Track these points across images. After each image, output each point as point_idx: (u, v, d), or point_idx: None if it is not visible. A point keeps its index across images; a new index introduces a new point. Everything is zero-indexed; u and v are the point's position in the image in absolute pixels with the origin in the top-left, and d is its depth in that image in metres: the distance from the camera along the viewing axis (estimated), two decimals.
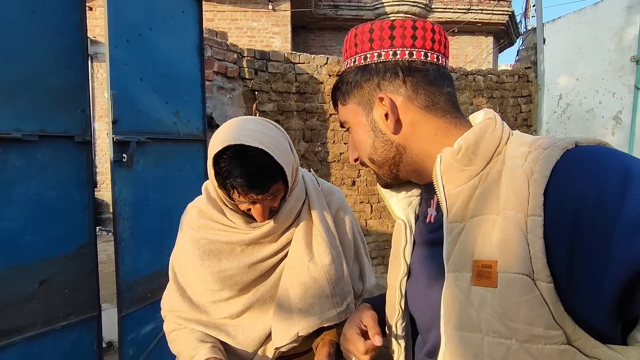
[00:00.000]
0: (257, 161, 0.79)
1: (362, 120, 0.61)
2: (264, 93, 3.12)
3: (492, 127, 0.54)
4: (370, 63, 0.59)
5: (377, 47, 0.58)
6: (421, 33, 0.57)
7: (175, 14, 2.24)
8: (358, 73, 0.60)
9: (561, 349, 0.41)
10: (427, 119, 0.58)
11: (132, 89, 1.95)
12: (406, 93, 0.57)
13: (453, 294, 0.49)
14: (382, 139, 0.60)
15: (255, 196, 0.81)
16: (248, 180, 0.78)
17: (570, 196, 0.42)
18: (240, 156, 0.78)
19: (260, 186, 0.80)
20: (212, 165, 0.81)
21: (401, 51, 0.57)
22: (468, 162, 0.52)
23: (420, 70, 0.57)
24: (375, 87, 0.59)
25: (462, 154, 0.52)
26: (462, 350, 0.48)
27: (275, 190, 0.84)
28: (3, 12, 1.56)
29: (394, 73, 0.57)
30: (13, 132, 1.59)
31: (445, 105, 0.58)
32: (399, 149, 0.59)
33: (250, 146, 0.77)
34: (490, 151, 0.52)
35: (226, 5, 7.57)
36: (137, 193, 1.99)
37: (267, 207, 0.86)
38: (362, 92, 0.60)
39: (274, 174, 0.82)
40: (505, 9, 10.13)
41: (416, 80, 0.57)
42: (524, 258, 0.43)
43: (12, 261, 1.62)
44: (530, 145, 0.50)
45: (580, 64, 3.85)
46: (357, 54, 0.60)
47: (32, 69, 1.65)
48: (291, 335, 0.88)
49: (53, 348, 1.76)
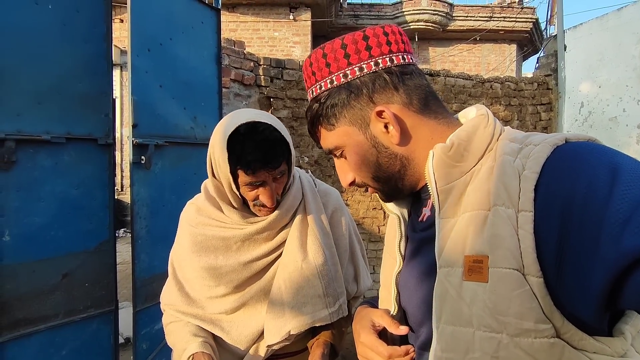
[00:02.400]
0: (268, 136, 0.83)
1: (360, 139, 0.59)
2: (279, 100, 3.21)
3: (484, 123, 0.54)
4: (354, 79, 0.57)
5: (356, 61, 0.57)
6: (393, 37, 0.57)
7: (194, 25, 2.35)
8: (342, 92, 0.57)
9: (551, 342, 0.42)
10: (424, 122, 0.57)
11: (152, 95, 2.06)
12: (401, 100, 0.56)
13: (445, 289, 0.49)
14: (386, 154, 0.58)
15: (267, 173, 0.85)
16: (262, 153, 0.82)
17: (559, 192, 0.42)
18: (252, 133, 0.83)
19: (273, 161, 0.84)
20: (222, 150, 0.83)
21: (382, 59, 0.56)
22: (460, 158, 0.52)
23: (405, 73, 0.57)
24: (367, 101, 0.57)
25: (454, 150, 0.52)
26: (453, 344, 0.48)
27: (283, 169, 0.88)
28: (37, 24, 1.70)
29: (382, 82, 0.56)
30: (43, 134, 1.72)
31: (434, 104, 0.58)
32: (403, 160, 0.58)
33: (260, 122, 0.82)
34: (482, 148, 0.52)
35: (249, 16, 7.80)
36: (154, 194, 2.09)
37: (275, 191, 0.89)
38: (353, 111, 0.58)
39: (282, 150, 0.86)
40: (529, 17, 9.95)
41: (406, 84, 0.57)
42: (515, 253, 0.43)
43: (39, 254, 1.74)
44: (521, 142, 0.50)
45: (603, 70, 3.75)
46: (332, 74, 0.58)
47: (61, 76, 1.78)
48: (282, 333, 0.90)
49: (73, 338, 1.86)
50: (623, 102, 3.67)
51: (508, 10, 10.10)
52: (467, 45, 10.46)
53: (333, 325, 0.97)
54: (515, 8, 10.16)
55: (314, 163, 3.36)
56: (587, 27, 3.84)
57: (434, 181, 0.53)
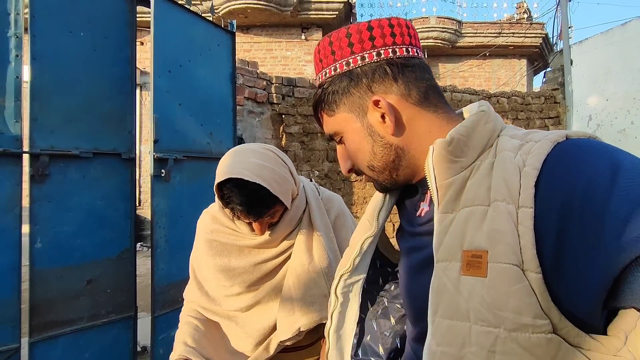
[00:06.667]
0: (254, 193, 0.89)
1: (357, 126, 0.60)
2: (290, 116, 3.35)
3: (484, 119, 0.54)
4: (355, 67, 0.58)
5: (359, 51, 0.58)
6: (398, 30, 0.58)
7: (211, 47, 2.52)
8: (343, 80, 0.59)
9: (548, 338, 0.42)
10: (422, 114, 0.58)
11: (171, 112, 2.21)
12: (399, 91, 0.57)
13: (442, 283, 0.50)
14: (381, 143, 0.59)
15: (253, 219, 0.94)
16: (246, 207, 0.89)
17: (560, 188, 0.42)
18: (239, 188, 0.88)
19: (257, 213, 0.91)
20: (216, 189, 0.93)
21: (384, 50, 0.57)
22: (460, 153, 0.52)
23: (406, 65, 0.57)
24: (366, 90, 0.58)
25: (454, 145, 0.52)
26: (449, 338, 0.48)
27: (271, 213, 0.96)
28: (71, 50, 1.87)
29: (382, 73, 0.57)
30: (72, 149, 1.87)
31: (435, 98, 0.59)
32: (398, 151, 0.59)
33: (247, 182, 0.88)
34: (482, 143, 0.53)
35: (262, 37, 8.10)
36: (172, 205, 2.22)
37: (266, 224, 0.99)
38: (352, 99, 0.59)
39: (269, 203, 0.91)
40: (539, 32, 10.03)
41: (406, 76, 0.57)
42: (514, 249, 0.43)
43: (67, 261, 1.87)
44: (522, 139, 0.51)
45: (610, 84, 3.80)
46: (336, 62, 0.60)
47: (90, 97, 1.94)
48: (293, 330, 1.00)
49: (95, 341, 1.97)
50: (631, 114, 3.70)
51: (517, 26, 10.21)
52: (477, 61, 10.55)
53: None
54: (524, 24, 10.26)
55: (324, 176, 3.46)
56: (593, 42, 3.90)
57: (433, 176, 0.53)
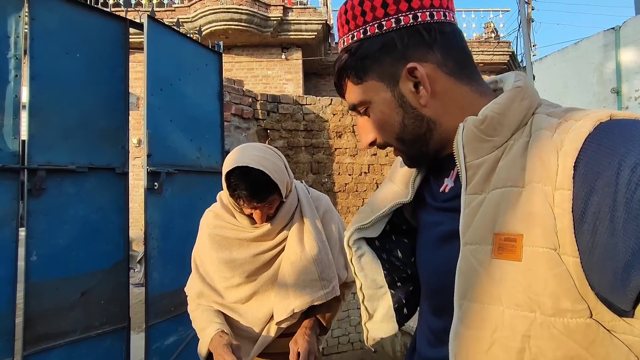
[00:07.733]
0: (258, 179, 1.03)
1: (387, 96, 0.55)
2: (275, 131, 3.50)
3: (520, 96, 0.50)
4: (389, 31, 0.53)
5: (393, 12, 0.52)
6: None
7: (199, 67, 2.66)
8: (374, 44, 0.54)
9: (587, 323, 0.41)
10: (456, 86, 0.54)
11: (163, 128, 2.32)
12: (435, 59, 0.53)
13: (470, 266, 0.48)
14: (413, 115, 0.54)
15: (256, 204, 1.08)
16: (250, 192, 1.03)
17: (601, 171, 0.39)
18: (245, 175, 1.03)
19: (259, 197, 1.05)
20: (225, 179, 1.09)
21: (422, 13, 0.52)
22: (492, 132, 0.49)
23: (444, 32, 0.53)
24: (399, 57, 0.53)
25: (487, 124, 0.49)
26: (479, 322, 0.46)
27: (271, 200, 1.09)
28: (67, 71, 1.97)
29: (419, 38, 0.52)
30: (68, 164, 1.95)
31: (469, 69, 0.55)
32: (430, 124, 0.55)
33: (253, 167, 1.04)
34: (516, 122, 0.49)
35: (243, 56, 8.29)
36: (165, 217, 2.30)
37: (265, 213, 1.12)
38: (383, 65, 0.54)
39: (270, 189, 1.06)
40: (506, 50, 10.64)
41: (443, 44, 0.53)
42: (551, 232, 0.41)
43: (62, 273, 1.91)
44: (560, 117, 0.47)
45: (568, 97, 4.14)
46: (366, 24, 0.54)
47: (85, 114, 2.03)
48: (288, 311, 1.12)
49: (89, 353, 1.99)
50: None
51: (485, 45, 10.80)
52: None
53: (327, 304, 1.18)
54: (492, 42, 10.88)
55: None
56: (551, 59, 4.26)
57: (462, 155, 0.50)
